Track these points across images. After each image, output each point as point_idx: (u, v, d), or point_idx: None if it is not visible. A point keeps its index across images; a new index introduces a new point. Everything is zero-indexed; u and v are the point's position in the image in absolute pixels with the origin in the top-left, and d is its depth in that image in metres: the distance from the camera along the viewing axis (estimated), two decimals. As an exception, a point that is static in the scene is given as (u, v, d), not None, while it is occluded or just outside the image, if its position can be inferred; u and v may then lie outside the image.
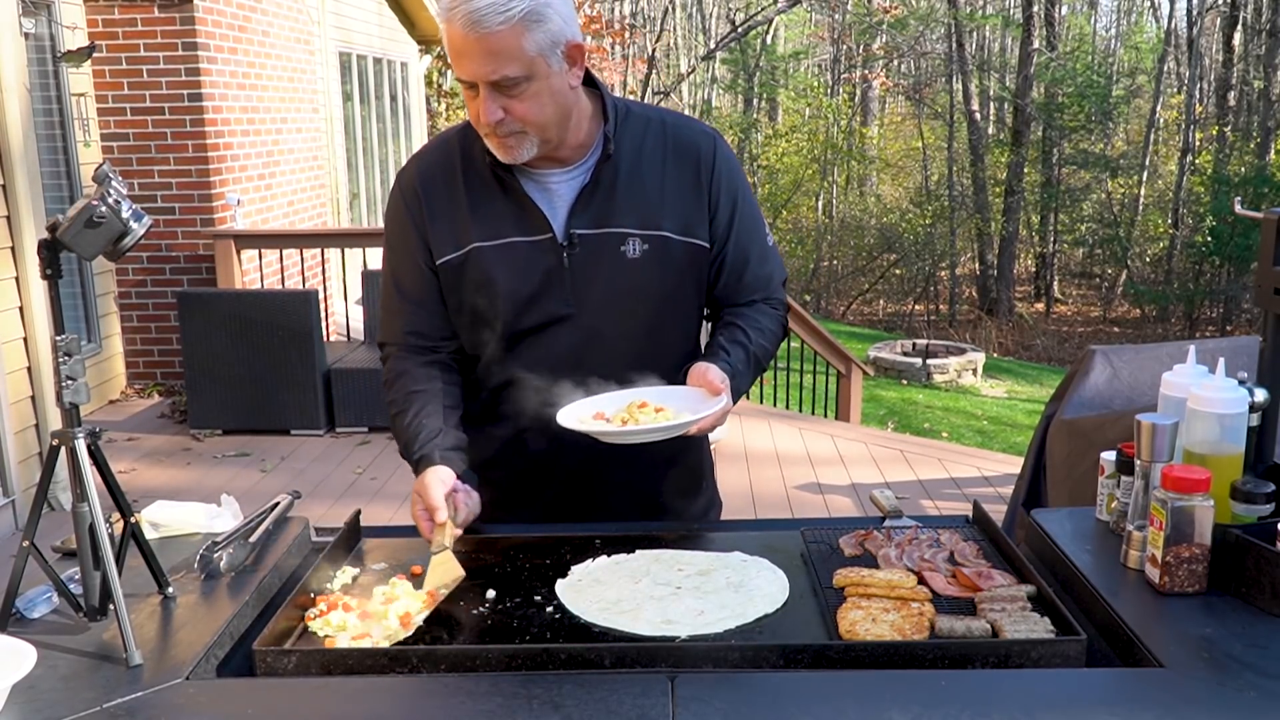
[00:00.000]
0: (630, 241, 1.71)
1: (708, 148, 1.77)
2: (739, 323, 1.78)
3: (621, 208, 1.71)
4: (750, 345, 1.75)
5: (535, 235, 1.71)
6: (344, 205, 9.48)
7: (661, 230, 1.72)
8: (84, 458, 1.38)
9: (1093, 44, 27.24)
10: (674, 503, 1.91)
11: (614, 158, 1.71)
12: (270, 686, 1.29)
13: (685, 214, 1.74)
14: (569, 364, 1.73)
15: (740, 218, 1.79)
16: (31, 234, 4.69)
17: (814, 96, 25.04)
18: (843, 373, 7.32)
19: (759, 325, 1.79)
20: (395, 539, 1.74)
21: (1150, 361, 3.25)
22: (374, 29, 10.36)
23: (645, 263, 1.72)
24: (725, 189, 1.77)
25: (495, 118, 1.58)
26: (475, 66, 1.55)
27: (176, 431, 6.20)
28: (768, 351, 1.80)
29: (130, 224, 1.38)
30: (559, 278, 1.71)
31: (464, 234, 1.72)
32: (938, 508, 5.06)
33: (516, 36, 1.53)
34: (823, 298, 20.92)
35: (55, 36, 6.28)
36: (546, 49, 1.56)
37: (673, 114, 1.83)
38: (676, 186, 1.74)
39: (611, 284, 1.72)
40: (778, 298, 1.86)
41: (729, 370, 1.67)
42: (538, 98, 1.59)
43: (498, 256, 1.71)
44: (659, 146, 1.74)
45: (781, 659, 1.30)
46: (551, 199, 1.72)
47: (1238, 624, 1.36)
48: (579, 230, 1.70)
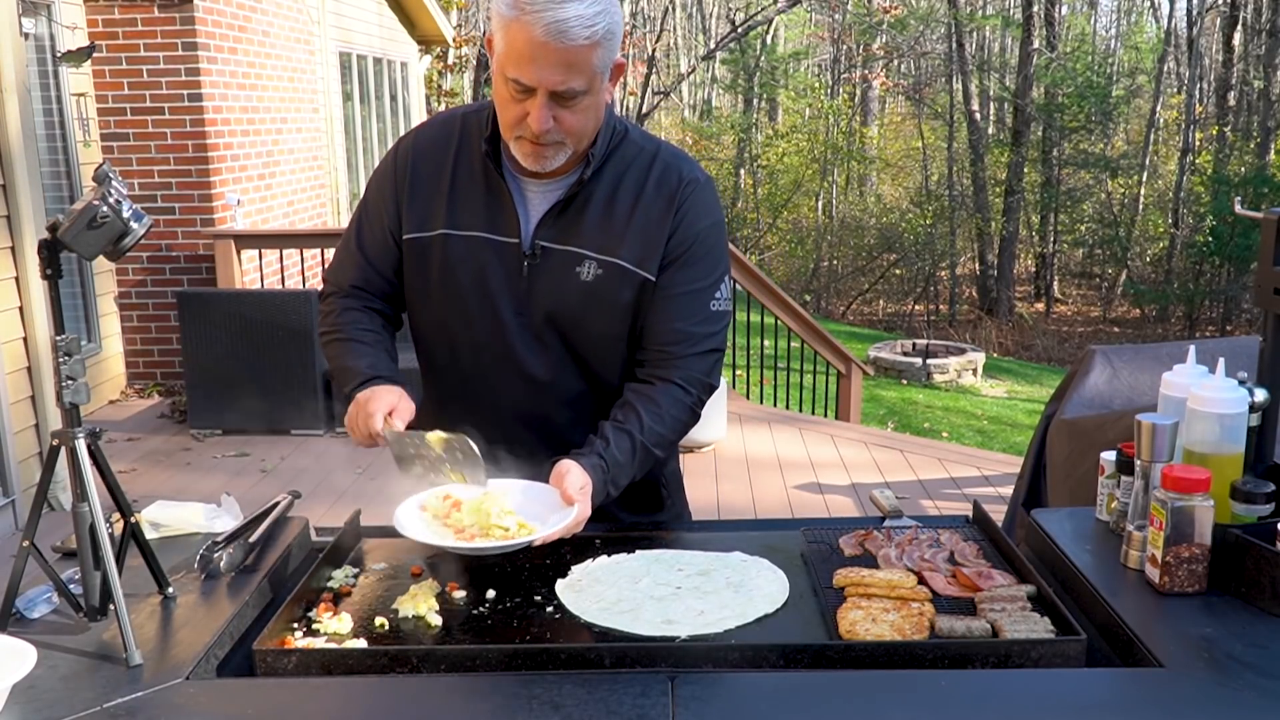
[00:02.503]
0: (586, 264, 1.70)
1: (688, 184, 1.72)
2: (636, 405, 1.69)
3: (586, 229, 1.70)
4: (639, 435, 1.66)
5: (503, 237, 1.71)
6: (344, 205, 9.48)
7: (618, 258, 1.70)
8: (84, 458, 1.38)
9: (1093, 44, 27.22)
10: (621, 514, 1.84)
11: (593, 179, 1.70)
12: (270, 686, 1.29)
13: (645, 246, 1.70)
14: (509, 370, 1.74)
15: (688, 262, 1.71)
16: (31, 234, 4.69)
17: (814, 97, 25.04)
18: (843, 373, 7.32)
19: (657, 410, 1.69)
20: (395, 539, 1.73)
21: (1150, 361, 3.25)
22: (374, 29, 10.36)
23: (595, 287, 1.70)
24: (686, 226, 1.71)
25: (547, 126, 1.57)
26: (545, 74, 1.53)
27: (176, 431, 6.20)
28: (663, 439, 1.70)
29: (130, 224, 1.38)
30: (515, 283, 1.71)
31: (437, 217, 1.73)
32: (938, 508, 5.06)
33: (591, 52, 1.53)
34: (823, 298, 20.91)
35: (55, 36, 6.27)
36: (606, 66, 1.58)
37: (672, 150, 1.78)
38: (645, 218, 1.71)
39: (561, 301, 1.71)
40: (695, 371, 1.72)
41: (600, 466, 1.62)
42: (587, 111, 1.60)
43: (463, 247, 1.72)
44: (641, 177, 1.72)
45: (781, 659, 1.30)
46: (528, 206, 1.72)
47: (1238, 624, 1.36)
48: (543, 242, 1.70)
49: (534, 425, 1.77)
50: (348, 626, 1.42)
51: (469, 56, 15.19)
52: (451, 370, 1.80)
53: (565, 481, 1.57)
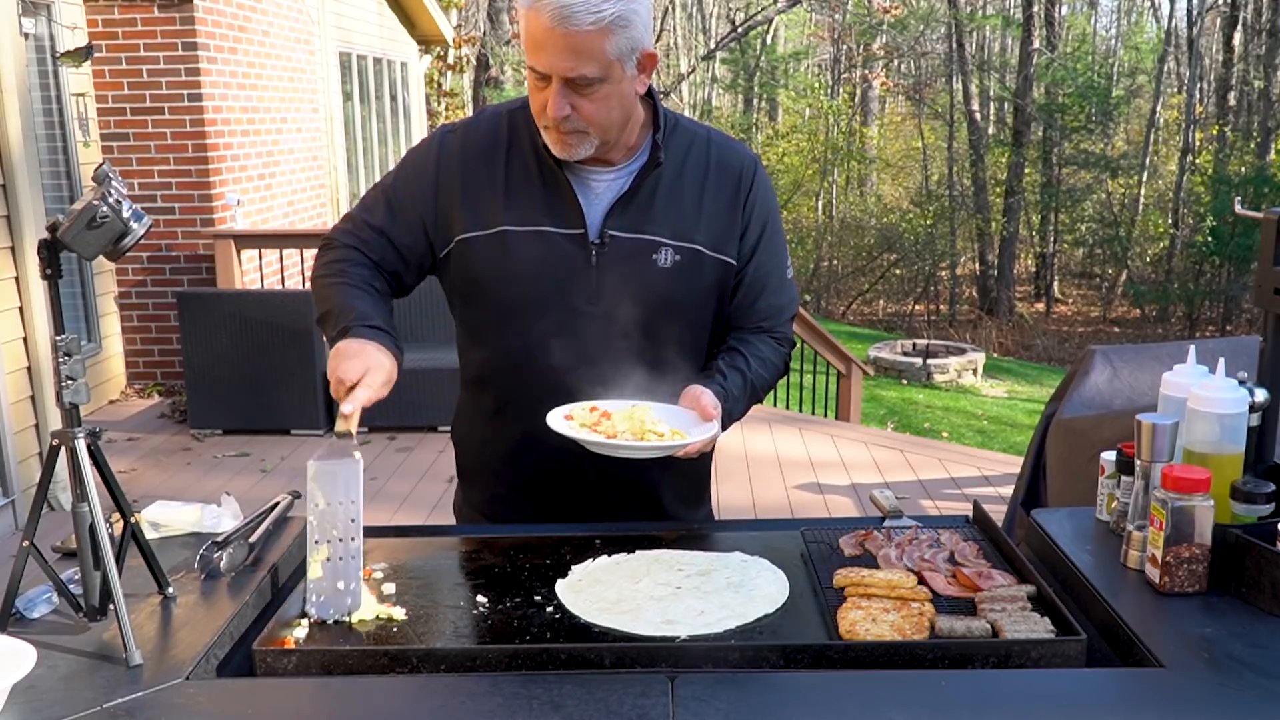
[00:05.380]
0: (663, 251, 1.72)
1: (749, 169, 1.79)
2: (742, 349, 1.79)
3: (659, 216, 1.72)
4: (749, 373, 1.76)
5: (567, 228, 1.71)
6: (344, 205, 9.48)
7: (695, 244, 1.73)
8: (84, 458, 1.38)
9: (1093, 44, 27.22)
10: (676, 510, 1.91)
11: (660, 167, 1.72)
12: (270, 686, 1.29)
13: (719, 230, 1.75)
14: (581, 361, 1.73)
15: (766, 243, 1.80)
16: (31, 234, 4.69)
17: (814, 97, 25.03)
18: (843, 373, 7.32)
19: (761, 355, 1.80)
20: (395, 539, 1.74)
21: (1150, 361, 3.25)
22: (374, 29, 10.36)
23: (676, 273, 1.73)
24: (759, 211, 1.79)
25: (563, 113, 1.59)
26: (554, 61, 1.55)
27: (176, 431, 6.20)
28: (766, 382, 1.81)
29: (130, 224, 1.38)
30: (584, 274, 1.71)
31: (495, 215, 1.72)
32: (938, 508, 5.06)
33: (601, 38, 1.54)
34: (823, 298, 20.91)
35: (55, 36, 6.27)
36: (625, 54, 1.58)
37: (718, 133, 1.84)
38: (714, 203, 1.75)
39: (639, 289, 1.72)
40: (784, 333, 1.86)
41: (723, 395, 1.68)
42: (607, 100, 1.60)
43: (526, 241, 1.71)
44: (702, 161, 1.76)
45: (781, 659, 1.30)
46: (590, 196, 1.72)
47: (1238, 624, 1.36)
48: (614, 231, 1.71)
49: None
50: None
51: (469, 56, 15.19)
52: (514, 368, 1.78)
53: (702, 400, 1.65)
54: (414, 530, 1.79)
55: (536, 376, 1.75)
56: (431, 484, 5.31)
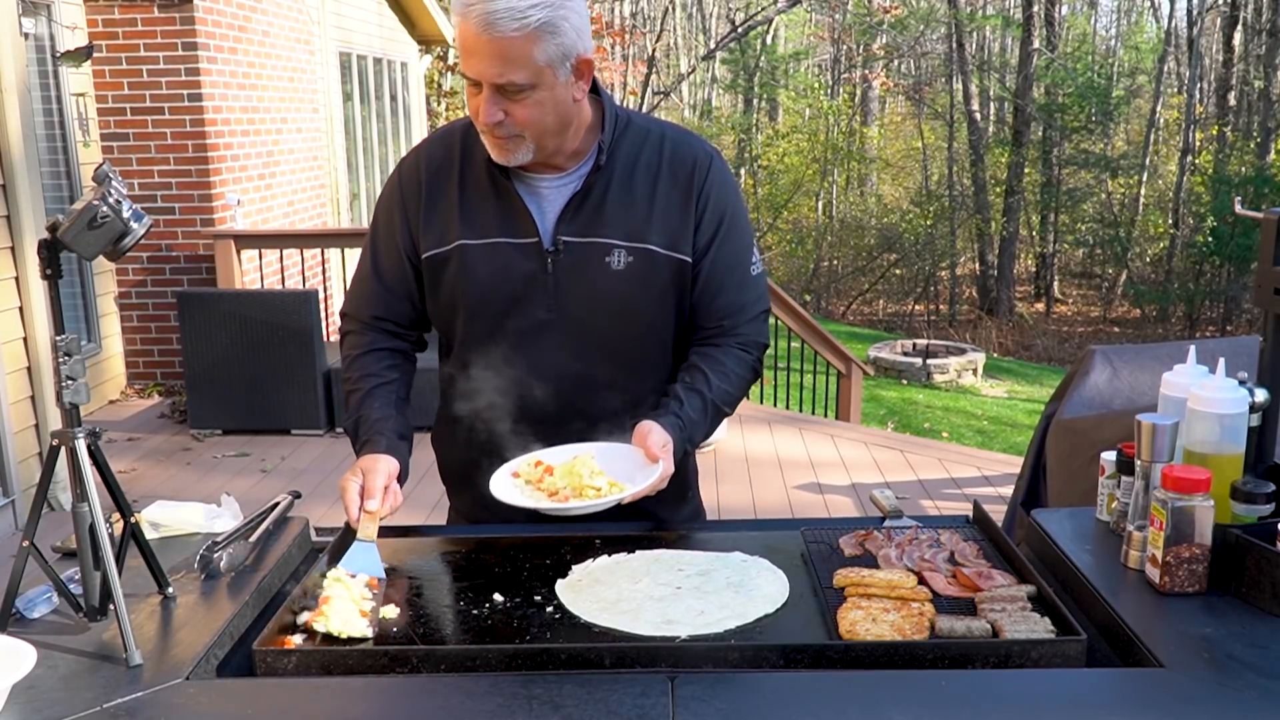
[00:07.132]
0: (615, 253, 1.71)
1: (703, 162, 1.76)
2: (702, 365, 1.75)
3: (609, 218, 1.71)
4: (709, 394, 1.72)
5: (521, 238, 1.72)
6: (344, 205, 9.48)
7: (647, 244, 1.72)
8: (84, 458, 1.38)
9: (1093, 44, 27.22)
10: (659, 510, 1.86)
11: (606, 168, 1.71)
12: (270, 686, 1.29)
13: (672, 228, 1.73)
14: (547, 370, 1.74)
15: (724, 238, 1.76)
16: (31, 234, 4.69)
17: (814, 97, 25.03)
18: (843, 373, 7.31)
19: (723, 369, 1.75)
20: (394, 539, 1.74)
21: (1150, 361, 3.25)
22: (374, 29, 10.35)
23: (630, 275, 1.72)
24: (713, 205, 1.75)
25: (495, 119, 1.60)
26: (482, 67, 1.56)
27: (176, 431, 6.20)
28: (731, 396, 1.77)
29: (130, 224, 1.38)
30: (542, 283, 1.72)
31: (452, 230, 1.73)
32: (938, 508, 5.06)
33: (528, 45, 1.54)
34: (823, 298, 20.91)
35: (55, 36, 6.27)
36: (556, 60, 1.57)
37: (675, 128, 1.82)
38: (666, 200, 1.73)
39: (595, 293, 1.72)
40: (751, 335, 1.80)
41: (679, 425, 1.67)
42: (540, 106, 1.60)
43: (483, 255, 1.72)
44: (654, 159, 1.75)
45: (781, 659, 1.30)
46: (542, 204, 1.73)
47: (1238, 624, 1.35)
48: (566, 237, 1.71)
49: (574, 418, 1.77)
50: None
51: (469, 56, 15.13)
52: (487, 377, 1.79)
53: (649, 440, 1.63)
54: (414, 530, 1.79)
55: (505, 386, 1.76)
56: (431, 484, 5.26)
